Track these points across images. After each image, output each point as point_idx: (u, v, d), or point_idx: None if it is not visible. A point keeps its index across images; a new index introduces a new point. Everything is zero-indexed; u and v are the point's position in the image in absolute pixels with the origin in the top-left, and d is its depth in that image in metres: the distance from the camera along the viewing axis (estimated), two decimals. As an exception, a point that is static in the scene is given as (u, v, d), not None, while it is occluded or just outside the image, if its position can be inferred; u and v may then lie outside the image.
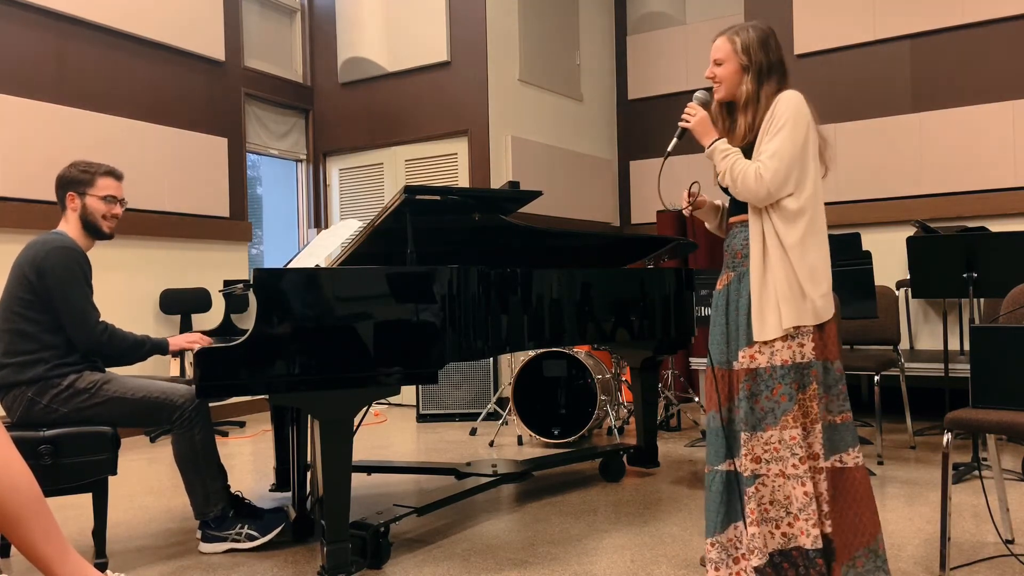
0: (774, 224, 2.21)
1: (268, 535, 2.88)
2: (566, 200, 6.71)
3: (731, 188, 2.26)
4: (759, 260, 2.23)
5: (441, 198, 2.84)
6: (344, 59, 6.63)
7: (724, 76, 2.30)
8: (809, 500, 2.16)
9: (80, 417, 2.69)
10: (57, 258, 2.70)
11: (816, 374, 2.21)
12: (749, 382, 2.24)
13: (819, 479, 2.19)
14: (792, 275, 2.19)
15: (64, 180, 2.87)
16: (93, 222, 2.87)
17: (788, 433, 2.19)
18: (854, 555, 2.20)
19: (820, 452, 2.19)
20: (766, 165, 2.18)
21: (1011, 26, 5.39)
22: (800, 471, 2.18)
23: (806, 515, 2.16)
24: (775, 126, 2.20)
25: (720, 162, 2.27)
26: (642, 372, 3.90)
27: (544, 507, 3.38)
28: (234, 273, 6.08)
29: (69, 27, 5.07)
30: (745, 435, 2.24)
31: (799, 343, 2.20)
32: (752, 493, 2.22)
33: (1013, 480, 3.54)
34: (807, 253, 2.19)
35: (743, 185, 2.21)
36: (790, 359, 2.20)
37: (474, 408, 5.59)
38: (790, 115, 2.19)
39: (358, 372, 2.51)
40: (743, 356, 2.26)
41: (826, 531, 2.18)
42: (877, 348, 4.36)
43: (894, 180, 5.71)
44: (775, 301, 2.20)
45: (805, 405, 2.22)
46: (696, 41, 7.08)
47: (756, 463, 2.23)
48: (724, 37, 2.31)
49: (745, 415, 2.24)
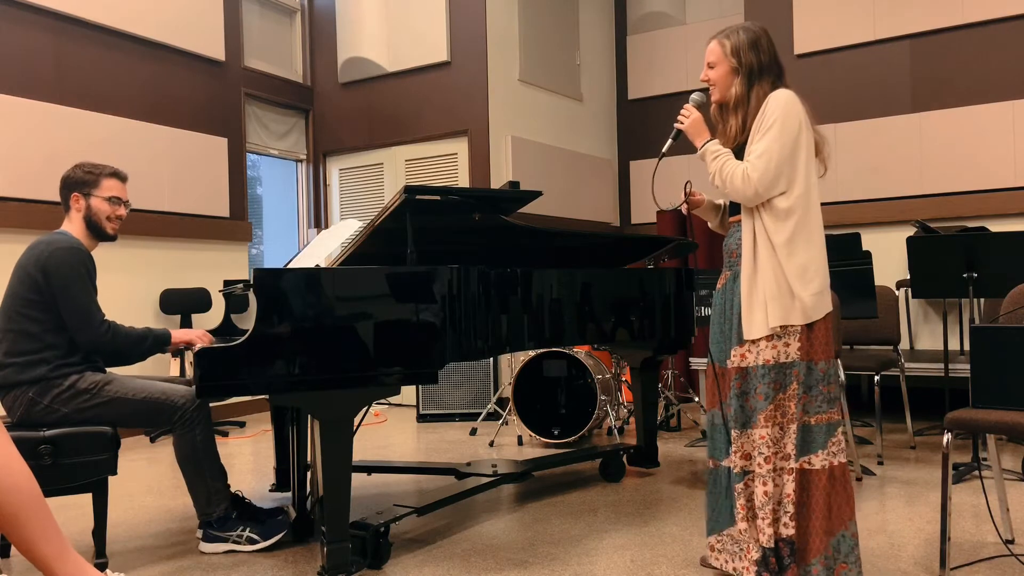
0: (764, 223, 2.23)
1: (269, 540, 2.88)
2: (566, 200, 6.71)
3: (721, 189, 2.28)
4: (750, 259, 2.25)
5: (441, 198, 2.83)
6: (344, 59, 6.63)
7: (716, 79, 2.33)
8: (767, 500, 2.18)
9: (81, 417, 2.69)
10: (62, 257, 2.70)
11: (797, 374, 2.21)
12: (739, 380, 2.27)
13: (787, 479, 2.19)
14: (780, 274, 2.20)
15: (69, 181, 2.88)
16: (97, 223, 2.87)
17: (759, 432, 2.21)
18: (811, 561, 2.19)
19: (792, 452, 2.19)
20: (754, 165, 2.20)
21: (1011, 26, 5.39)
22: (763, 470, 2.20)
23: (763, 514, 2.19)
24: (764, 126, 2.22)
25: (710, 163, 2.30)
26: (642, 372, 3.90)
27: (544, 507, 3.38)
28: (234, 273, 6.08)
29: (68, 27, 5.07)
30: (735, 432, 2.27)
31: (784, 343, 2.21)
32: (741, 489, 2.25)
33: (1013, 480, 3.53)
34: (796, 252, 2.19)
35: (731, 186, 2.24)
36: (772, 359, 2.21)
37: (474, 408, 5.59)
38: (779, 115, 2.20)
39: (358, 372, 2.51)
40: (735, 355, 2.29)
41: (788, 533, 2.18)
42: (877, 348, 4.36)
43: (894, 180, 5.71)
44: (763, 300, 2.21)
45: (783, 405, 2.22)
46: (696, 41, 7.08)
47: (746, 460, 2.26)
48: (716, 40, 2.34)
49: (736, 413, 2.26)
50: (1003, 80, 5.40)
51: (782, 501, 2.20)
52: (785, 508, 2.19)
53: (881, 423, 4.14)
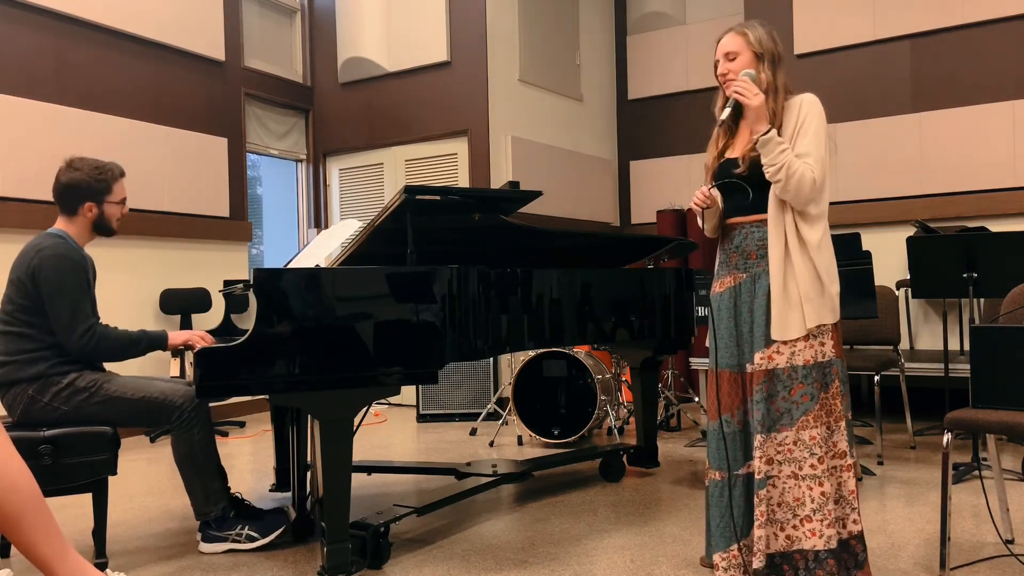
0: (797, 224, 2.20)
1: (269, 537, 2.88)
2: (566, 200, 6.71)
3: (778, 184, 2.17)
4: (780, 261, 2.20)
5: (441, 198, 2.83)
6: (344, 59, 6.63)
7: (740, 68, 2.26)
8: (826, 500, 2.16)
9: (80, 416, 2.69)
10: (49, 267, 2.67)
11: (837, 372, 2.21)
12: (767, 383, 2.22)
13: (846, 476, 2.19)
14: (815, 274, 2.19)
15: (80, 188, 2.79)
16: (108, 225, 2.89)
17: (808, 433, 2.18)
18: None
19: (846, 449, 2.20)
20: (814, 168, 2.16)
21: (1011, 26, 5.39)
22: (818, 471, 2.17)
23: (821, 515, 2.16)
24: (807, 128, 2.19)
25: (778, 155, 2.15)
26: (642, 372, 3.90)
27: (544, 507, 3.38)
28: (234, 273, 6.07)
29: (69, 27, 5.07)
30: (760, 437, 2.21)
31: (820, 342, 2.20)
32: (763, 496, 2.21)
33: (1013, 480, 3.53)
34: (824, 252, 2.21)
35: (798, 185, 2.15)
36: (812, 359, 2.20)
37: (474, 408, 5.59)
38: (819, 119, 2.21)
39: (358, 372, 2.51)
40: (760, 358, 2.23)
41: (857, 529, 2.18)
42: (877, 348, 4.36)
43: (894, 180, 5.71)
44: (798, 301, 2.18)
45: (828, 403, 2.21)
46: (696, 41, 7.08)
47: (769, 465, 2.22)
48: (733, 32, 2.30)
49: (762, 417, 2.21)
50: (1003, 80, 5.40)
51: (845, 497, 2.20)
52: (851, 504, 2.19)
53: (881, 423, 4.14)
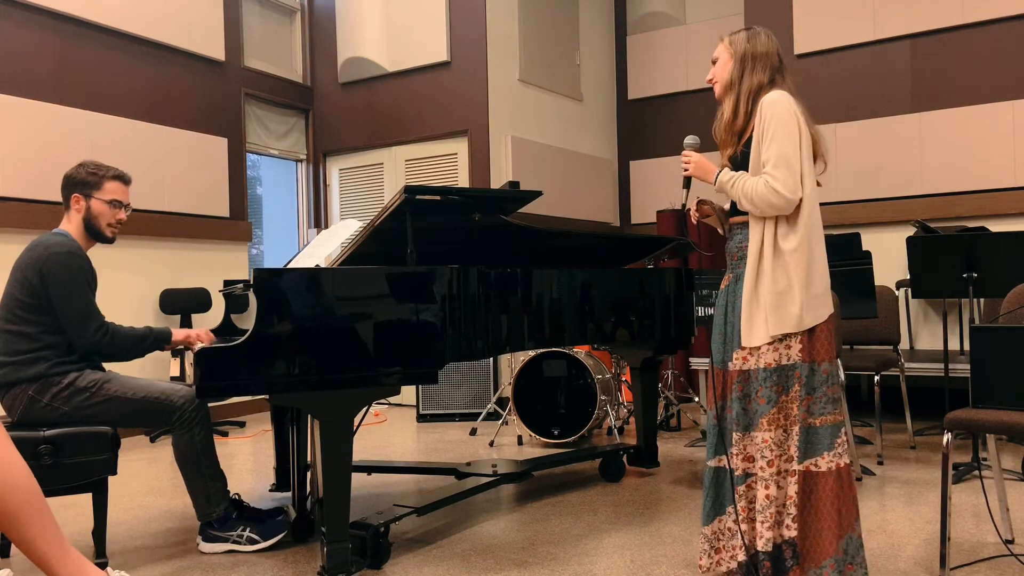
0: (775, 228, 2.20)
1: (269, 540, 2.88)
2: (566, 200, 6.71)
3: (751, 210, 2.22)
4: (754, 266, 2.22)
5: (441, 198, 2.83)
6: (344, 59, 6.62)
7: (717, 72, 2.35)
8: (769, 503, 2.18)
9: (80, 416, 2.69)
10: (59, 263, 2.69)
11: (799, 376, 2.19)
12: (742, 383, 2.26)
13: (790, 481, 2.18)
14: (784, 282, 2.18)
15: (71, 180, 2.86)
16: (96, 225, 2.86)
17: (761, 436, 2.21)
18: (822, 563, 2.16)
19: (795, 455, 2.18)
20: (774, 176, 2.15)
21: (1011, 26, 5.39)
22: (766, 474, 2.19)
23: (763, 517, 2.18)
24: (768, 133, 2.19)
25: (731, 191, 2.26)
26: (642, 372, 3.90)
27: (544, 507, 3.38)
28: (234, 273, 6.08)
29: (69, 27, 5.07)
30: (738, 435, 2.26)
31: (785, 345, 2.20)
32: (743, 492, 2.24)
33: (1013, 480, 3.54)
34: (803, 255, 2.18)
35: (761, 201, 2.17)
36: (774, 362, 2.20)
37: (474, 408, 5.59)
38: (781, 118, 2.18)
39: (358, 372, 2.51)
40: (736, 357, 2.28)
41: (789, 535, 2.17)
42: (877, 348, 4.36)
43: (894, 180, 5.71)
44: (763, 309, 2.19)
45: (786, 407, 2.21)
46: (696, 41, 7.08)
47: (748, 462, 2.25)
48: (722, 40, 2.37)
49: (738, 415, 2.26)
50: (1003, 80, 5.40)
51: (785, 504, 2.20)
52: (788, 511, 2.19)
53: (881, 423, 4.14)
